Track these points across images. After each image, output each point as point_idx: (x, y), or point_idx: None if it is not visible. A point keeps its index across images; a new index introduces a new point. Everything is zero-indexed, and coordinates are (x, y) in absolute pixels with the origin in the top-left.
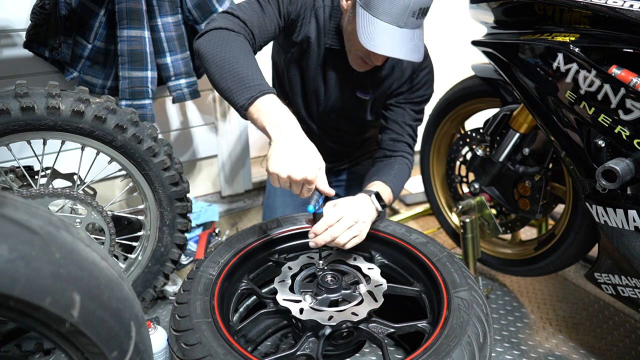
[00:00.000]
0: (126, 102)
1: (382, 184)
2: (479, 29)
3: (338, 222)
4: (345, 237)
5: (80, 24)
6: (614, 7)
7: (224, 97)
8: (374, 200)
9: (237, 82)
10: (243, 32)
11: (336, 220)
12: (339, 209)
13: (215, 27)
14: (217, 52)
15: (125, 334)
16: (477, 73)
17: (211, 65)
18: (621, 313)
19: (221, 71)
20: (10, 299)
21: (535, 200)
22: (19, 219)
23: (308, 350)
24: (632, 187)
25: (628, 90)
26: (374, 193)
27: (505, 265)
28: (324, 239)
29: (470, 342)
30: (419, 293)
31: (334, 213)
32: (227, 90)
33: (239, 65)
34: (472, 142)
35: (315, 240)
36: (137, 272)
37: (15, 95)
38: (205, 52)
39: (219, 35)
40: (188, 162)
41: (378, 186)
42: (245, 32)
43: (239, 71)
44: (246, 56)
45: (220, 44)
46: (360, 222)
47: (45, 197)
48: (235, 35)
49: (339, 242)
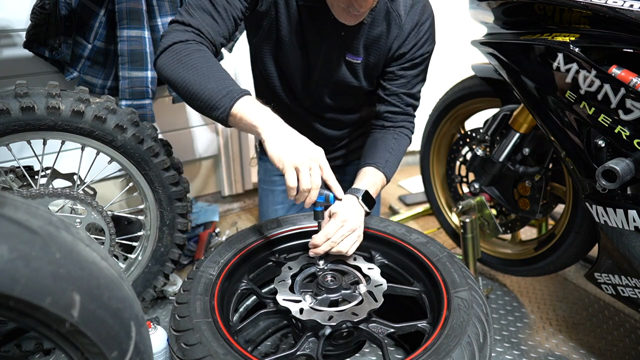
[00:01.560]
0: (126, 102)
1: (374, 170)
2: (479, 29)
3: (337, 231)
4: (347, 245)
5: (80, 24)
6: (614, 7)
7: (203, 114)
8: (361, 203)
9: (208, 97)
10: (197, 38)
11: (336, 231)
12: (338, 220)
13: (168, 45)
14: (176, 73)
15: (125, 334)
16: (477, 73)
17: (178, 88)
18: (621, 313)
19: (187, 92)
20: (10, 299)
21: (535, 200)
22: (19, 219)
23: (308, 350)
24: (632, 187)
25: (628, 90)
26: (362, 194)
27: (505, 265)
28: (324, 249)
29: (470, 342)
30: (419, 293)
31: (333, 224)
32: (203, 108)
33: (202, 80)
34: (472, 142)
35: (316, 252)
36: (137, 272)
37: (15, 95)
38: (166, 76)
39: (173, 53)
40: (188, 162)
41: (369, 177)
42: (200, 38)
43: (201, 88)
44: (207, 66)
45: (177, 62)
46: (358, 227)
47: (45, 197)
48: (187, 45)
49: (341, 251)
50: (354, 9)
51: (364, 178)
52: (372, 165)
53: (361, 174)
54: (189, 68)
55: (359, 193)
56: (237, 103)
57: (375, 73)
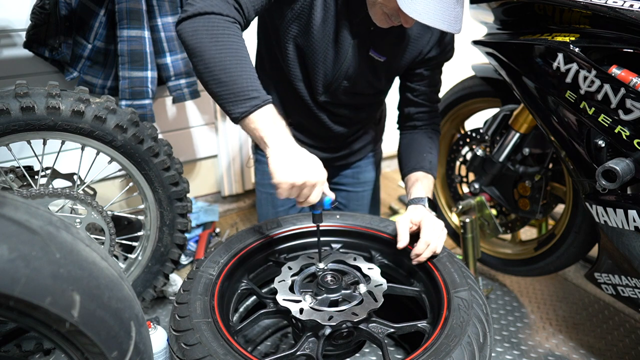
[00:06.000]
0: (126, 102)
1: (424, 175)
2: (479, 29)
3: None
4: (440, 247)
5: (80, 24)
6: (614, 7)
7: (215, 99)
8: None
9: (231, 90)
10: (236, 16)
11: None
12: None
13: (204, 11)
14: (206, 47)
15: (125, 334)
16: (477, 73)
17: (199, 62)
18: (621, 313)
19: (212, 73)
20: (10, 298)
21: (535, 200)
22: (19, 219)
23: (308, 350)
24: (632, 187)
25: (628, 90)
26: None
27: (505, 265)
28: (427, 256)
29: (470, 342)
30: (419, 293)
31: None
32: (219, 96)
33: (232, 68)
34: (472, 142)
35: (419, 260)
36: (137, 272)
37: (15, 95)
38: (192, 44)
39: (207, 23)
40: (188, 162)
41: (422, 183)
42: (239, 16)
43: (233, 77)
44: (239, 56)
45: (210, 36)
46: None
47: (45, 197)
48: (226, 24)
49: (437, 252)
50: (397, 20)
51: (418, 184)
52: (420, 170)
53: (412, 179)
54: (220, 47)
55: (424, 202)
56: (259, 110)
57: (398, 74)
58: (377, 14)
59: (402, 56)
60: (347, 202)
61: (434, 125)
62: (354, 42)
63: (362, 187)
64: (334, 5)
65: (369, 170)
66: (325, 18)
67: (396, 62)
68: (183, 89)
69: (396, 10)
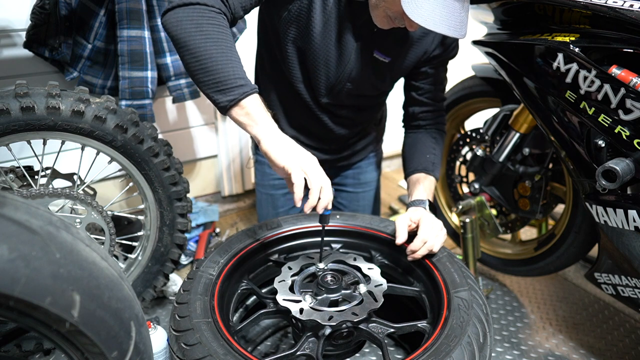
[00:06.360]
0: (126, 102)
1: (425, 176)
2: (479, 29)
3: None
4: (439, 244)
5: (80, 24)
6: (614, 7)
7: (202, 89)
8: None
9: (217, 80)
10: (222, 7)
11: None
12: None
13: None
14: (191, 37)
15: (125, 334)
16: (477, 73)
17: (185, 52)
18: (621, 313)
19: (198, 62)
20: (10, 298)
21: (535, 200)
22: (19, 219)
23: (308, 350)
24: (632, 187)
25: (628, 90)
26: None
27: (505, 265)
28: (422, 253)
29: (470, 342)
30: (419, 293)
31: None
32: (206, 86)
33: (218, 56)
34: (472, 142)
35: (415, 256)
36: (137, 272)
37: (15, 95)
38: (177, 34)
39: (192, 13)
40: (188, 162)
41: (424, 184)
42: (224, 7)
43: (219, 66)
44: (225, 45)
45: (195, 26)
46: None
47: (45, 197)
48: (211, 14)
49: (434, 250)
50: (400, 22)
51: (419, 186)
52: (422, 171)
53: (414, 180)
54: (205, 36)
55: (424, 204)
56: (247, 98)
57: (402, 74)
58: (379, 16)
59: (407, 56)
60: (349, 202)
61: (438, 125)
62: (358, 45)
63: (364, 188)
64: (335, 8)
65: (371, 171)
66: (326, 21)
67: (401, 62)
68: (183, 89)
69: (400, 14)
